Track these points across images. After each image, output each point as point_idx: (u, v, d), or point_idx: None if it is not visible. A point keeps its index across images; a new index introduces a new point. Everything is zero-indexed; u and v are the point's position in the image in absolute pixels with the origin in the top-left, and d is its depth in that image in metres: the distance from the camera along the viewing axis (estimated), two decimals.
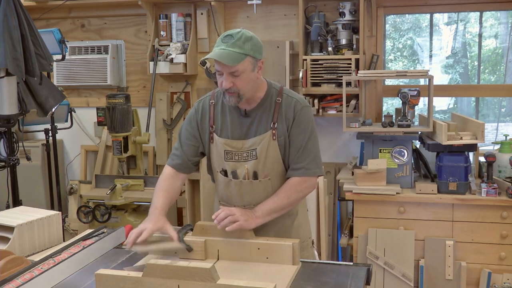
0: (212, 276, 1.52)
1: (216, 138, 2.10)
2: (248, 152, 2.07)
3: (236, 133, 2.08)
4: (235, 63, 1.90)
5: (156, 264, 1.58)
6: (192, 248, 1.93)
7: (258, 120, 2.07)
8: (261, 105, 2.07)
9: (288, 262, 1.87)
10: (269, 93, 2.09)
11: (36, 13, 4.31)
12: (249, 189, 2.09)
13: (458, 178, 3.30)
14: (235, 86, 1.95)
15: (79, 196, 4.34)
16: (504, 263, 3.28)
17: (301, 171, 2.06)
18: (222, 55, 1.89)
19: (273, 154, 2.06)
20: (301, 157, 2.06)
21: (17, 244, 1.99)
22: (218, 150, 2.11)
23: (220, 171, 2.13)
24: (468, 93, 4.17)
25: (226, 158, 2.09)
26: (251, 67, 1.96)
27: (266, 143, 2.05)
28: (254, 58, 1.96)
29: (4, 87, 2.99)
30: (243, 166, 2.07)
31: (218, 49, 1.92)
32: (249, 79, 1.97)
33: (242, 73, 1.93)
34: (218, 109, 2.12)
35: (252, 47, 1.94)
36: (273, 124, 2.05)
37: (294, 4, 3.90)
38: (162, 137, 4.45)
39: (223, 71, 1.94)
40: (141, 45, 4.45)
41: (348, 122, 3.55)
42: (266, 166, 2.07)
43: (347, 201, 3.95)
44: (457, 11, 4.05)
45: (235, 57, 1.90)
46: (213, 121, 2.12)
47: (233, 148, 2.08)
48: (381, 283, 3.40)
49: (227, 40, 1.92)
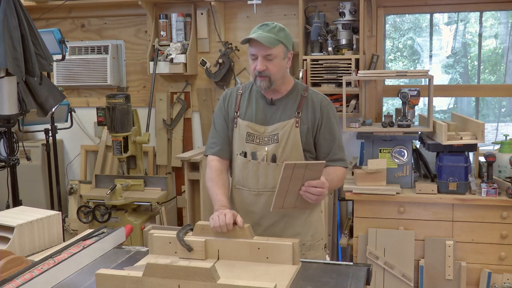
0: (212, 276, 1.52)
1: (239, 121, 2.22)
2: (270, 137, 2.18)
3: (259, 118, 2.20)
4: (271, 45, 2.07)
5: (156, 264, 1.57)
6: (192, 248, 1.92)
7: (283, 108, 2.19)
8: (287, 96, 2.21)
9: (288, 262, 1.87)
10: (295, 87, 2.24)
11: (36, 13, 4.31)
12: (265, 172, 2.17)
13: (458, 178, 3.31)
14: (267, 70, 2.10)
15: (79, 196, 4.34)
16: (504, 263, 3.28)
17: (340, 162, 2.23)
18: (261, 37, 2.06)
19: (294, 140, 2.16)
20: (337, 150, 2.23)
21: (17, 244, 1.99)
22: (241, 132, 2.21)
23: (240, 153, 2.22)
24: (468, 93, 4.17)
25: (248, 140, 2.20)
26: (283, 55, 2.13)
27: (289, 129, 2.16)
28: (286, 47, 2.13)
29: (4, 87, 2.98)
30: (263, 148, 2.18)
31: (256, 34, 2.09)
32: (280, 66, 2.13)
33: (275, 57, 2.10)
34: (245, 98, 2.26)
35: (285, 36, 2.13)
36: (297, 113, 2.18)
37: (294, 4, 3.90)
38: (162, 137, 4.45)
39: (258, 54, 2.09)
40: (141, 45, 4.45)
41: (348, 122, 3.55)
42: (285, 151, 2.16)
43: (347, 201, 3.95)
44: (457, 11, 4.05)
45: (271, 40, 2.07)
46: (238, 107, 2.25)
47: (256, 132, 2.19)
48: (381, 283, 3.40)
49: (264, 28, 2.11)
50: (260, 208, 2.19)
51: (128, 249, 2.13)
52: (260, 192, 2.19)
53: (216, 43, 4.24)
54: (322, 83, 3.80)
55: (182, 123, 4.42)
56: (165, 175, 4.36)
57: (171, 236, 1.97)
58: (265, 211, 2.17)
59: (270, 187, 2.16)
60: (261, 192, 2.19)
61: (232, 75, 4.20)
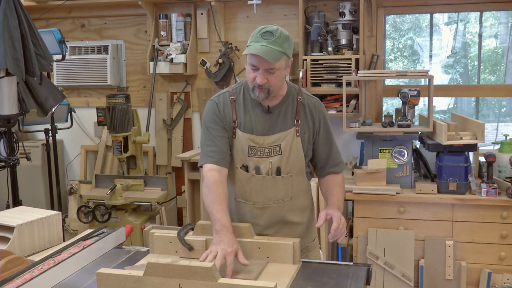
0: (213, 275, 1.52)
1: (239, 133, 2.09)
2: (271, 148, 2.08)
3: (259, 129, 2.09)
4: (276, 61, 1.93)
5: (157, 263, 1.57)
6: (193, 247, 1.92)
7: (282, 116, 2.10)
8: (283, 102, 2.11)
9: (288, 261, 1.87)
10: (290, 91, 2.14)
11: (36, 13, 4.31)
12: (271, 185, 2.09)
13: (458, 178, 3.30)
14: (268, 83, 1.98)
15: (79, 196, 4.34)
16: (504, 263, 3.28)
17: (340, 167, 2.24)
18: (266, 52, 1.91)
19: (296, 150, 2.10)
20: (335, 154, 2.22)
21: (17, 244, 1.99)
22: (242, 145, 2.09)
23: (241, 166, 2.10)
24: (468, 93, 4.17)
25: (250, 154, 2.09)
26: (285, 65, 2.01)
27: (290, 139, 2.08)
28: (288, 57, 2.01)
29: (4, 87, 2.98)
30: (266, 161, 2.08)
31: (259, 45, 1.92)
32: (281, 77, 2.02)
33: (277, 70, 1.97)
34: (240, 105, 2.12)
35: (289, 46, 1.99)
36: (296, 121, 2.10)
37: (294, 4, 3.90)
38: (162, 137, 4.45)
39: (260, 67, 1.95)
40: (141, 45, 4.45)
41: (348, 122, 3.55)
42: (289, 162, 2.09)
43: (347, 201, 3.95)
44: (457, 11, 4.05)
45: (277, 55, 1.93)
46: (236, 117, 2.10)
47: (256, 144, 2.08)
48: (381, 283, 3.40)
49: (268, 37, 1.93)
50: (266, 220, 2.12)
51: (128, 249, 2.13)
52: (265, 205, 2.11)
53: (216, 43, 4.24)
54: (322, 83, 3.80)
55: (182, 123, 4.42)
56: (165, 175, 4.36)
57: (171, 235, 1.97)
58: (270, 222, 2.11)
59: (275, 200, 2.10)
60: (266, 205, 2.11)
61: (232, 75, 4.20)
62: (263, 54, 1.90)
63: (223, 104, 2.11)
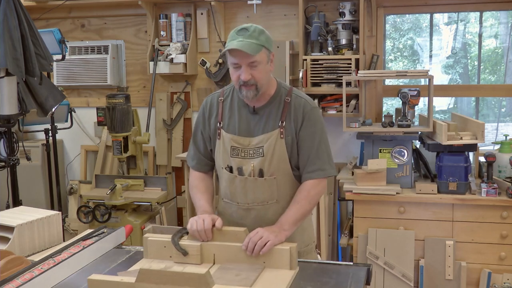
0: (207, 282, 1.50)
1: (223, 133, 2.11)
2: (255, 150, 2.07)
3: (243, 130, 2.09)
4: (255, 52, 1.94)
5: (149, 270, 1.54)
6: (188, 252, 1.89)
7: (266, 118, 2.08)
8: (270, 103, 2.09)
9: (285, 267, 1.83)
10: (278, 92, 2.11)
11: (36, 13, 4.31)
12: (253, 187, 2.09)
13: (458, 178, 3.30)
14: (253, 78, 1.98)
15: (79, 196, 4.34)
16: (504, 263, 3.28)
17: (317, 173, 2.08)
18: (243, 46, 1.93)
19: (279, 153, 2.06)
20: (315, 159, 2.08)
21: (17, 244, 1.99)
22: (225, 145, 2.11)
23: (225, 167, 2.12)
24: (468, 93, 4.17)
25: (232, 154, 2.09)
26: (266, 59, 2.01)
27: (274, 141, 2.06)
28: (268, 50, 2.01)
29: (4, 87, 2.98)
30: (249, 163, 2.07)
31: (236, 41, 1.95)
32: (265, 71, 2.02)
33: (259, 63, 1.97)
34: (227, 106, 2.14)
35: (266, 39, 2.00)
36: (281, 122, 2.06)
37: (294, 4, 3.90)
38: (162, 137, 4.45)
39: (242, 63, 1.96)
40: (141, 45, 4.45)
41: (348, 122, 3.55)
42: (272, 165, 2.07)
43: (347, 201, 3.95)
44: (457, 11, 4.05)
45: (254, 47, 1.94)
46: (221, 117, 2.13)
47: (240, 145, 2.08)
48: (381, 283, 3.40)
49: (243, 33, 1.96)
50: (251, 221, 2.10)
51: (128, 249, 2.13)
52: (250, 207, 2.11)
53: (216, 43, 4.24)
54: (322, 83, 3.80)
55: (182, 123, 4.42)
56: (165, 175, 4.36)
57: (166, 240, 1.94)
58: (256, 224, 2.05)
59: (259, 202, 2.09)
60: (250, 206, 2.11)
61: None
62: (240, 47, 1.92)
63: (209, 107, 2.18)
